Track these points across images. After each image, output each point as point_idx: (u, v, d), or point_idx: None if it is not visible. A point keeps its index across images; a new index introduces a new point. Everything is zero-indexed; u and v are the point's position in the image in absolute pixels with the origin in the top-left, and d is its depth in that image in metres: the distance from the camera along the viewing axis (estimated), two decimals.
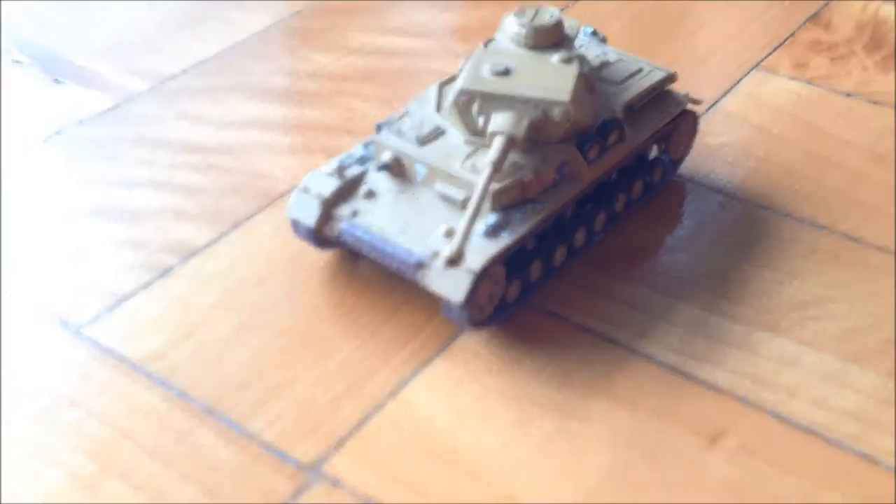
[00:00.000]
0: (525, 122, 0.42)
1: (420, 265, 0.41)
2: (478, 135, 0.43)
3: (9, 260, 0.46)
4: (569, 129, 0.43)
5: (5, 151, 0.53)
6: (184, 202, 0.50)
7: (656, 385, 0.41)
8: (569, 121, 0.42)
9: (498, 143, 0.41)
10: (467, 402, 0.40)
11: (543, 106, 0.42)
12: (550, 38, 0.44)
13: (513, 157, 0.43)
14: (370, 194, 0.44)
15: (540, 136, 0.43)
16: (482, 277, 0.40)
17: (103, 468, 0.38)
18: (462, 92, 0.42)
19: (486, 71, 0.43)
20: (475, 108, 0.42)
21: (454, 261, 0.39)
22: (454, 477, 0.38)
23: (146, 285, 0.45)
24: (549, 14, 0.45)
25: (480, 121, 0.42)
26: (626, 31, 0.62)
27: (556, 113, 0.42)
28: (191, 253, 0.47)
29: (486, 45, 0.45)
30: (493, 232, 0.41)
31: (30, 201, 0.50)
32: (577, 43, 0.48)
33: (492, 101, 0.42)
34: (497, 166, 0.41)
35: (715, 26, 0.64)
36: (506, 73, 0.43)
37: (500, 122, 0.41)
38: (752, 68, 0.60)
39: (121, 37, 0.62)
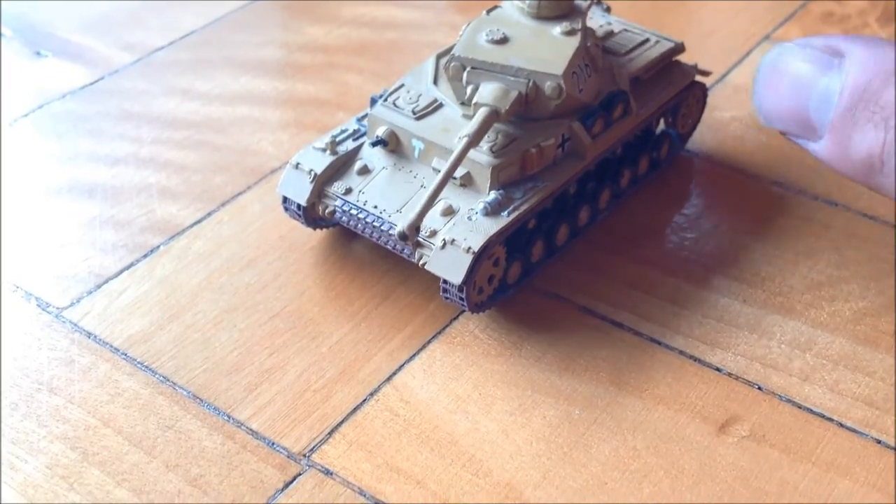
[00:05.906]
0: (512, 96, 0.40)
1: (417, 244, 0.40)
2: (466, 105, 0.41)
3: None
4: (563, 105, 0.41)
5: None
6: (169, 179, 0.49)
7: (663, 370, 0.40)
8: (560, 96, 0.40)
9: (479, 116, 0.39)
10: (465, 387, 0.39)
11: (535, 78, 0.40)
12: (557, 9, 0.42)
13: (513, 131, 0.41)
14: (364, 170, 0.42)
15: (530, 111, 0.41)
16: (481, 258, 0.39)
17: (84, 456, 0.37)
18: (453, 58, 0.41)
19: (482, 39, 0.41)
20: (465, 76, 0.41)
21: (406, 236, 0.38)
22: (451, 465, 0.36)
23: (129, 266, 0.44)
24: None
25: (469, 90, 0.41)
26: (628, 3, 0.61)
27: (548, 87, 0.40)
28: (176, 232, 0.46)
29: (488, 12, 0.43)
30: (493, 210, 0.40)
31: (9, 178, 0.49)
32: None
33: (481, 71, 0.40)
34: (474, 139, 0.39)
35: None
36: (502, 41, 0.41)
37: (486, 93, 0.40)
38: (762, 40, 0.58)
39: (105, 8, 0.61)
